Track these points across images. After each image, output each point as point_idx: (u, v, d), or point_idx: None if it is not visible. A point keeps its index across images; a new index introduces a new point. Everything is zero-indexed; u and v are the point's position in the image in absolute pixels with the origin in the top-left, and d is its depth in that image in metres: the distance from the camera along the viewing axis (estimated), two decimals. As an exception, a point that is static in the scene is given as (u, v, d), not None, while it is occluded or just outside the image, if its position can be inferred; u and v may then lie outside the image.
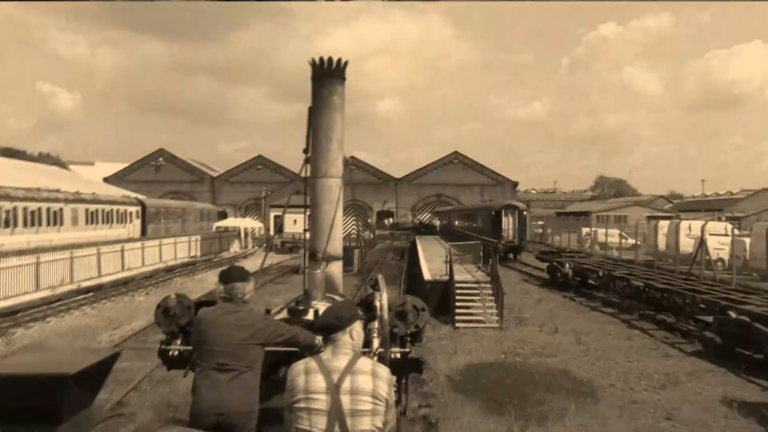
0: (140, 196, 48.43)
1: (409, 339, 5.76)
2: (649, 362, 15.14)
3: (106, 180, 73.00)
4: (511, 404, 11.41)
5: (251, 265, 24.51)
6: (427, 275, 22.74)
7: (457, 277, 21.25)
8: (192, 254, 41.25)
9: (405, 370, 5.83)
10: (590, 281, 28.00)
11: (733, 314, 15.31)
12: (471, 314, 20.14)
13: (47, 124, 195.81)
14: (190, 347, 5.12)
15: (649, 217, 74.10)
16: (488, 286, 21.45)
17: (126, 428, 3.40)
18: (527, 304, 23.95)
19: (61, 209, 34.49)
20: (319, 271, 7.04)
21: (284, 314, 6.31)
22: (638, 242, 47.09)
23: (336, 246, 8.15)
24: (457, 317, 19.68)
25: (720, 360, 14.94)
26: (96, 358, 2.66)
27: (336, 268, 8.14)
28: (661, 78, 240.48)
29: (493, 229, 41.02)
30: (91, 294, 25.28)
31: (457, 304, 20.07)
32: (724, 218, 57.54)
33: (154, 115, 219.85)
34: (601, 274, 24.62)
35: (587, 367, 14.59)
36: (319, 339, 4.54)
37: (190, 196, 74.00)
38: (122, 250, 31.86)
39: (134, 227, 43.51)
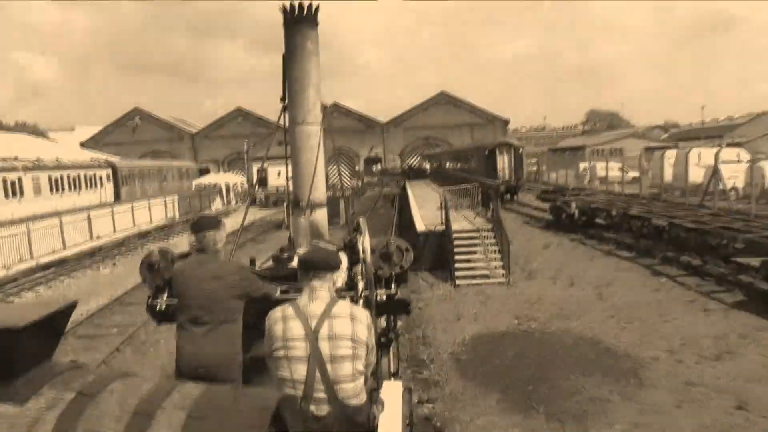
0: (111, 158, 44.99)
1: (394, 280, 5.52)
2: (689, 321, 12.60)
3: (83, 145, 69.64)
4: (537, 395, 8.87)
5: (232, 222, 21.85)
6: (420, 226, 20.01)
7: (454, 226, 18.56)
8: (170, 216, 38.34)
9: (392, 311, 5.69)
10: (598, 221, 25.47)
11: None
12: (473, 269, 17.55)
13: (26, 93, 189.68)
14: (176, 301, 4.84)
15: (647, 148, 71.50)
16: (490, 234, 18.80)
17: (84, 379, 2.18)
18: (533, 251, 21.36)
19: (19, 178, 31.30)
20: (303, 218, 7.33)
21: (270, 263, 6.27)
22: (641, 174, 44.50)
23: (319, 193, 8.04)
24: (457, 273, 17.09)
25: (773, 311, 12.46)
26: (48, 310, 2.24)
27: (321, 215, 8.08)
28: (649, 6, 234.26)
29: (487, 169, 38.18)
30: (51, 270, 22.56)
31: (457, 257, 17.45)
32: (725, 145, 55.01)
33: (133, 76, 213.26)
34: (614, 213, 21.94)
35: (618, 332, 12.03)
36: (278, 291, 4.82)
37: (170, 154, 70.63)
38: (89, 218, 28.95)
39: (106, 192, 40.28)
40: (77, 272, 22.63)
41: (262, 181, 55.91)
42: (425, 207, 26.67)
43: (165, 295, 5.21)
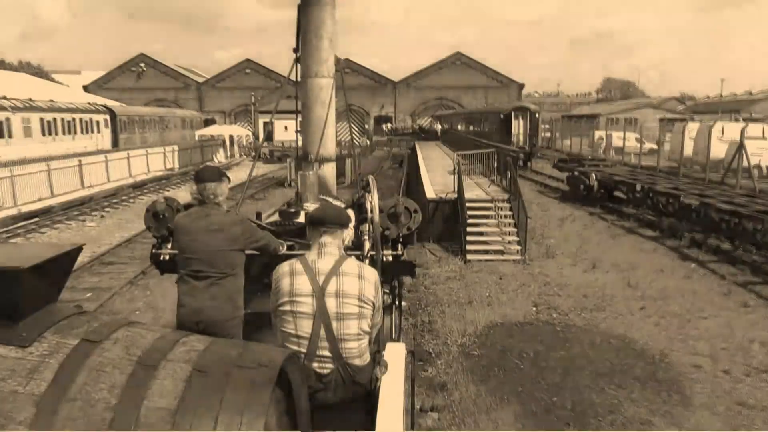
0: (111, 103, 43.06)
1: (401, 241, 5.37)
2: (728, 318, 10.95)
3: (85, 88, 67.67)
4: (563, 411, 7.33)
5: (235, 177, 20.21)
6: (429, 192, 18.32)
7: (467, 195, 16.86)
8: (168, 167, 36.71)
9: (397, 272, 5.53)
10: (617, 194, 23.75)
11: None
12: (486, 243, 15.93)
13: (33, 33, 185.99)
14: None
15: (662, 120, 69.33)
16: (506, 205, 17.13)
17: (89, 325, 2.21)
18: (549, 224, 19.71)
19: (8, 119, 29.58)
20: (311, 172, 7.15)
21: (275, 216, 6.09)
22: (658, 147, 42.44)
23: (328, 148, 7.87)
24: (468, 247, 15.46)
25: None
26: (54, 251, 2.22)
27: (329, 170, 7.92)
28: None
29: (501, 133, 36.30)
30: (35, 220, 21.03)
31: (469, 229, 15.80)
32: (741, 119, 53.04)
33: (144, 23, 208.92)
34: (639, 188, 20.18)
35: (652, 329, 10.41)
36: (284, 248, 4.81)
37: (175, 103, 68.62)
38: (80, 165, 27.35)
39: (103, 138, 38.51)
40: (62, 224, 21.10)
41: (268, 135, 54.18)
42: (435, 171, 24.95)
43: (169, 245, 5.02)
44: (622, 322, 10.71)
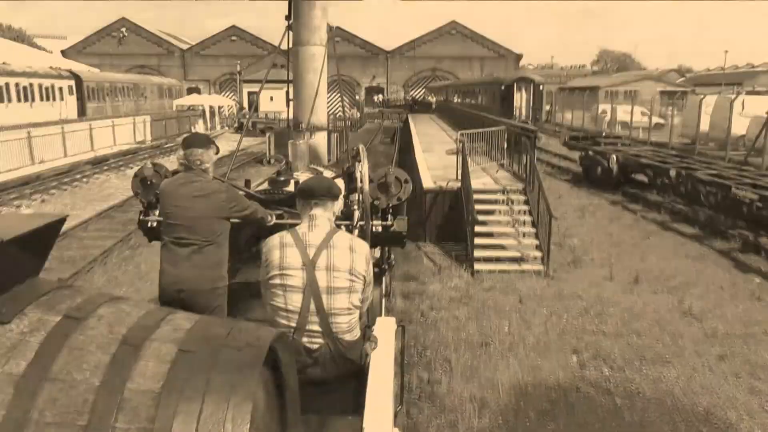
0: (77, 68, 38.75)
1: (391, 211, 5.13)
2: None
3: (64, 53, 63.23)
4: None
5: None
6: (426, 180, 14.76)
7: (474, 184, 13.33)
8: (139, 139, 32.89)
9: (387, 243, 5.43)
10: (637, 177, 20.33)
11: None
12: (498, 248, 12.46)
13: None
14: None
15: (663, 92, 65.90)
16: (521, 197, 13.64)
17: (72, 300, 1.97)
18: (568, 217, 16.25)
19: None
20: (302, 141, 6.91)
21: (265, 185, 5.91)
22: (664, 121, 38.89)
23: (320, 116, 7.73)
24: (476, 253, 12.01)
25: None
26: (36, 223, 2.11)
27: (320, 139, 7.75)
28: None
29: (502, 107, 32.55)
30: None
31: (477, 229, 12.31)
32: (744, 92, 49.88)
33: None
34: (673, 174, 16.70)
35: (748, 399, 7.00)
36: (273, 219, 4.60)
37: (158, 71, 64.28)
38: (29, 137, 23.59)
39: (67, 106, 34.36)
40: (-10, 210, 17.49)
41: (253, 105, 50.37)
42: (432, 151, 21.37)
43: (157, 212, 4.76)
44: (701, 385, 7.31)
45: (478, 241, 12.09)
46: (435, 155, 19.89)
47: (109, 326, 1.88)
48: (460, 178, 13.81)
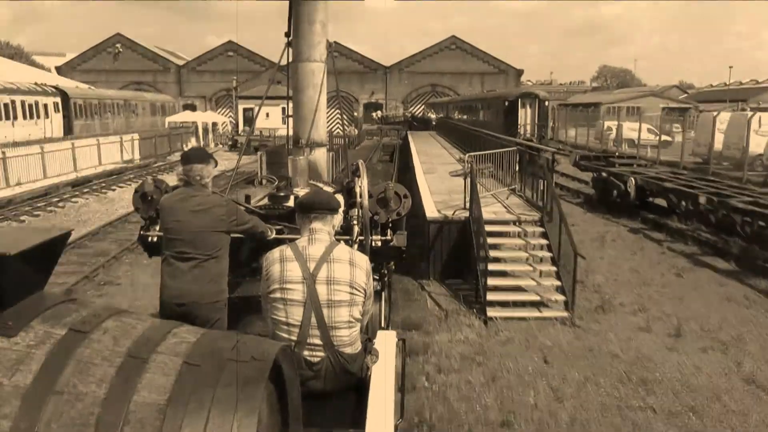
0: (64, 84, 36.97)
1: (390, 226, 5.19)
2: None
3: (58, 70, 61.78)
4: None
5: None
6: (430, 208, 13.04)
7: (485, 214, 11.56)
8: (126, 158, 31.20)
9: (386, 258, 5.30)
10: (655, 200, 18.66)
11: None
12: (514, 289, 10.72)
13: (24, 16, 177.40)
14: None
15: (665, 109, 64.59)
16: (538, 229, 11.92)
17: (78, 314, 2.01)
18: (585, 246, 14.43)
19: None
20: (302, 157, 6.93)
21: (265, 201, 5.86)
22: (682, 139, 37.03)
23: (320, 132, 7.68)
24: (489, 297, 10.27)
25: None
26: (42, 237, 2.14)
27: (320, 155, 7.67)
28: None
29: (506, 123, 31.06)
30: None
31: (491, 267, 10.56)
32: (749, 109, 48.51)
33: (137, 8, 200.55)
34: (703, 200, 14.99)
35: None
36: (273, 233, 4.63)
37: (154, 87, 62.74)
38: (4, 157, 21.93)
39: (53, 124, 32.58)
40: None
41: (249, 121, 48.88)
42: (434, 171, 19.71)
43: (157, 227, 4.78)
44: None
45: (491, 282, 10.35)
46: (437, 177, 18.23)
47: (114, 339, 1.88)
48: (468, 206, 12.11)
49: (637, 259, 14.00)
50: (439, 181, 17.30)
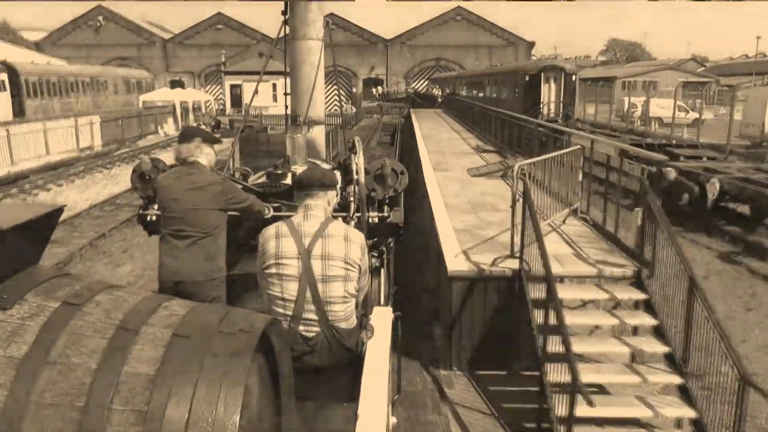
0: (14, 58, 31.55)
1: (387, 203, 5.07)
2: None
3: (37, 45, 56.50)
4: None
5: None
6: (451, 250, 8.04)
7: (558, 272, 6.59)
8: (84, 145, 26.24)
9: (383, 234, 5.24)
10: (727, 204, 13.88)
11: None
12: (604, 392, 5.87)
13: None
14: None
15: (685, 83, 59.31)
16: (636, 295, 7.00)
17: (71, 287, 2.03)
18: (668, 283, 9.67)
19: None
20: (300, 135, 6.73)
21: (263, 178, 5.68)
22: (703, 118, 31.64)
23: (317, 110, 7.32)
24: (557, 412, 5.44)
25: None
26: (35, 212, 2.15)
27: (318, 133, 7.38)
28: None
29: (525, 101, 26.03)
30: None
31: (556, 364, 5.70)
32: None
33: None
34: None
35: None
36: (270, 211, 4.48)
37: (138, 62, 57.55)
38: None
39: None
40: None
41: (236, 99, 43.87)
42: (447, 167, 14.78)
43: (156, 206, 4.68)
44: None
45: (580, 412, 5.47)
46: (453, 178, 13.32)
47: (106, 312, 1.89)
48: (518, 251, 7.20)
49: (751, 308, 9.17)
50: (456, 184, 12.42)
